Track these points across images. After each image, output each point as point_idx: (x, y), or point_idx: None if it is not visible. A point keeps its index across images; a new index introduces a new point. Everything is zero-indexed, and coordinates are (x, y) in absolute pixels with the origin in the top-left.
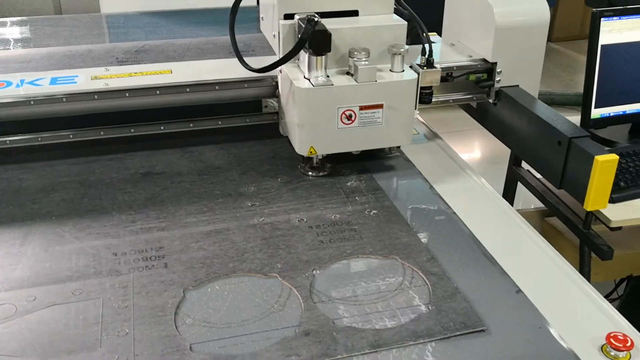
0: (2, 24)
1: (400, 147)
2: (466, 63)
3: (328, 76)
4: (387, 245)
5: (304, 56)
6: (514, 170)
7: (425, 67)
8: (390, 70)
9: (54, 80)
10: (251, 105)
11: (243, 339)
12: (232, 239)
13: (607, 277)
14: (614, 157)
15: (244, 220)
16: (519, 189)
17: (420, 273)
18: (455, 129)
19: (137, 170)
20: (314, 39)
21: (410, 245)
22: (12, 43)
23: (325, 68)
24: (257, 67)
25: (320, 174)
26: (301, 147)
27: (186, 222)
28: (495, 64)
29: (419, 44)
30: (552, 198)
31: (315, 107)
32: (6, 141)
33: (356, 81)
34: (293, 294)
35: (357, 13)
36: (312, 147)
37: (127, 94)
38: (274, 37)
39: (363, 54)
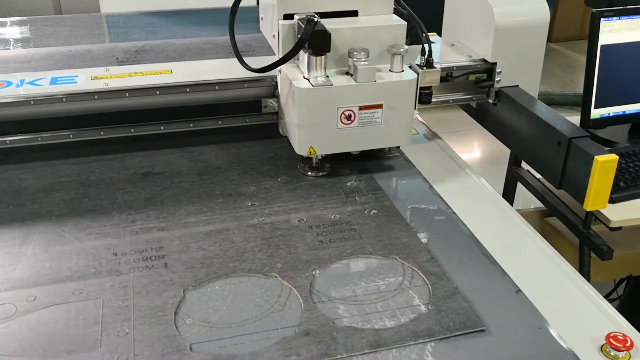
0: (2, 24)
1: (399, 147)
2: (466, 63)
3: (327, 76)
4: (387, 245)
5: (303, 56)
6: (514, 171)
7: (424, 67)
8: (389, 70)
9: (54, 80)
10: (251, 105)
11: (243, 339)
12: (232, 239)
13: (606, 277)
14: (614, 157)
15: (244, 220)
16: (518, 189)
17: (420, 273)
18: (455, 129)
19: (137, 170)
20: (313, 39)
21: (410, 245)
22: (12, 43)
23: (324, 68)
24: (257, 67)
25: (319, 174)
26: (300, 147)
27: (186, 222)
28: (495, 64)
29: (419, 44)
30: (552, 198)
31: (314, 107)
32: (6, 141)
33: (355, 81)
34: (293, 293)
35: (356, 13)
36: (311, 147)
37: (127, 94)
38: (273, 37)
39: (362, 54)
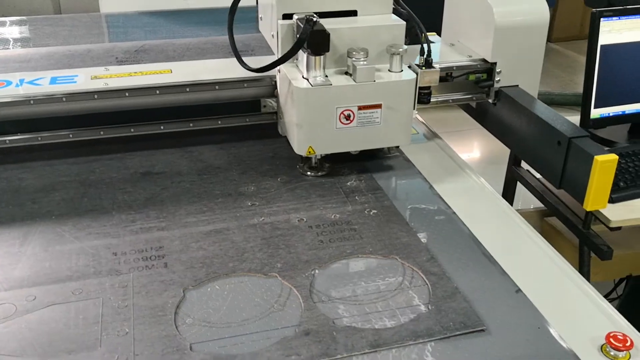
0: (2, 24)
1: (399, 147)
2: (466, 63)
3: (326, 76)
4: (387, 245)
5: (302, 56)
6: (514, 170)
7: (423, 67)
8: (388, 70)
9: (54, 80)
10: (250, 105)
11: (243, 339)
12: (232, 239)
13: (606, 277)
14: (614, 157)
15: (243, 220)
16: (518, 188)
17: (420, 273)
18: (455, 129)
19: (137, 170)
20: (312, 39)
21: (410, 245)
22: (11, 43)
23: (323, 68)
24: (256, 67)
25: (319, 173)
26: (300, 147)
27: (186, 222)
28: (494, 64)
29: (418, 43)
30: (552, 198)
31: (313, 107)
32: (6, 141)
33: (355, 81)
34: (293, 293)
35: (355, 13)
36: (310, 147)
37: (126, 94)
38: (272, 37)
39: (362, 54)
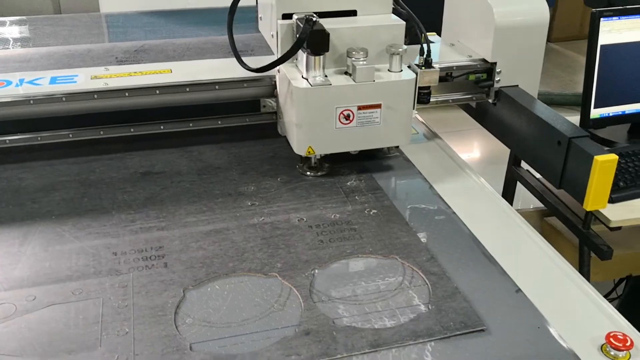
0: (2, 24)
1: (398, 147)
2: (466, 63)
3: (326, 76)
4: (387, 245)
5: (302, 56)
6: (514, 170)
7: (423, 67)
8: (388, 70)
9: (54, 80)
10: (250, 105)
11: (243, 339)
12: (232, 239)
13: (606, 277)
14: (614, 157)
15: (243, 220)
16: (518, 188)
17: (420, 273)
18: (455, 129)
19: (137, 169)
20: (312, 39)
21: (410, 244)
22: (11, 42)
23: (323, 68)
24: (256, 67)
25: (318, 173)
26: (299, 147)
27: (186, 222)
28: (494, 64)
29: (418, 43)
30: (552, 198)
31: (313, 106)
32: (6, 140)
33: (354, 81)
34: (293, 293)
35: (355, 13)
36: (310, 147)
37: (126, 94)
38: (272, 37)
39: (361, 53)
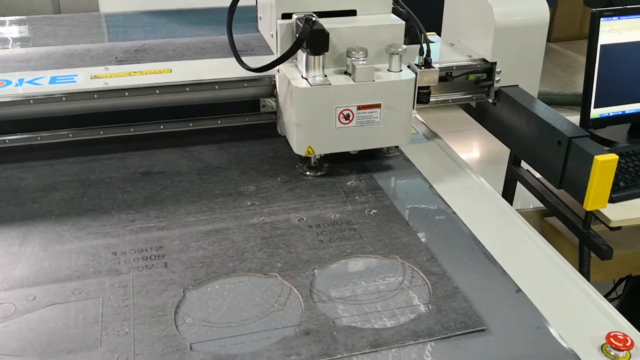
0: (1, 23)
1: (398, 146)
2: (466, 63)
3: (326, 76)
4: (387, 245)
5: (301, 56)
6: (514, 170)
7: (423, 67)
8: (388, 70)
9: (54, 80)
10: (249, 104)
11: (243, 339)
12: (232, 239)
13: (606, 277)
14: (614, 157)
15: (243, 220)
16: (518, 188)
17: (420, 273)
18: (455, 129)
19: (137, 169)
20: (311, 39)
21: (410, 244)
22: (11, 42)
23: (322, 67)
24: (256, 66)
25: (318, 173)
26: (299, 147)
27: (186, 222)
28: (494, 63)
29: (418, 43)
30: (552, 198)
31: (312, 106)
32: (5, 140)
33: (354, 81)
34: (293, 293)
35: (355, 13)
36: (309, 146)
37: (126, 93)
38: (271, 36)
39: (361, 53)
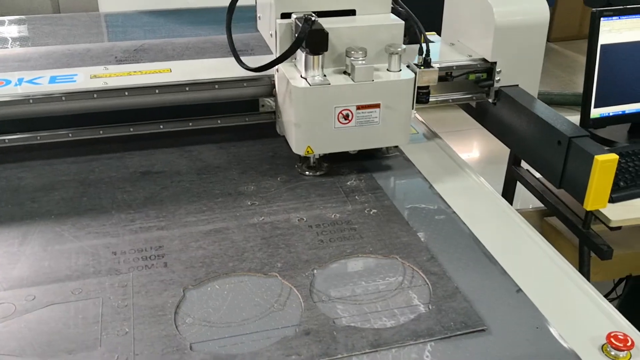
0: (1, 23)
1: (397, 146)
2: (466, 62)
3: (325, 75)
4: (387, 245)
5: (300, 55)
6: (513, 170)
7: (422, 67)
8: (387, 69)
9: (53, 79)
10: (248, 104)
11: (243, 339)
12: (231, 238)
13: (606, 277)
14: (614, 156)
15: (243, 220)
16: (517, 188)
17: (420, 272)
18: (455, 129)
19: (137, 169)
20: (311, 38)
21: (410, 244)
22: (10, 42)
23: (322, 67)
24: (255, 66)
25: (317, 173)
26: (298, 147)
27: (186, 222)
28: (494, 63)
29: (417, 43)
30: (552, 198)
31: (312, 106)
32: (5, 140)
33: (353, 80)
34: (293, 293)
35: (354, 12)
36: (309, 146)
37: (126, 93)
38: (270, 36)
39: (360, 53)
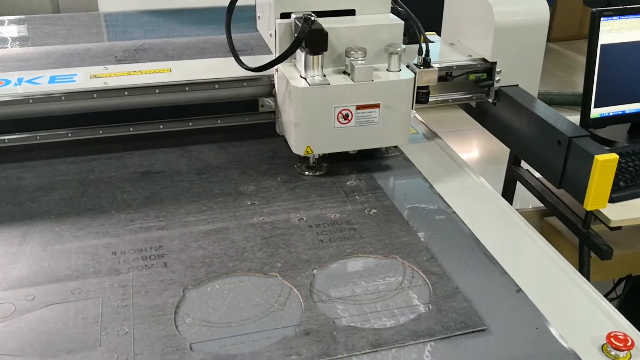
0: (0, 23)
1: (397, 146)
2: (466, 62)
3: (324, 75)
4: (387, 245)
5: (300, 55)
6: (513, 170)
7: (422, 67)
8: (387, 69)
9: (53, 79)
10: (248, 104)
11: (243, 339)
12: (231, 238)
13: (606, 277)
14: (614, 156)
15: (243, 220)
16: (517, 188)
17: (420, 272)
18: (455, 129)
19: (136, 169)
20: (310, 38)
21: (410, 244)
22: (10, 42)
23: (321, 67)
24: (255, 66)
25: (316, 173)
26: (298, 147)
27: (186, 221)
28: (494, 63)
29: (417, 43)
30: (552, 198)
31: (311, 106)
32: (5, 140)
33: (353, 80)
34: (293, 293)
35: (354, 12)
36: (308, 146)
37: (126, 93)
38: (270, 36)
39: (360, 53)
